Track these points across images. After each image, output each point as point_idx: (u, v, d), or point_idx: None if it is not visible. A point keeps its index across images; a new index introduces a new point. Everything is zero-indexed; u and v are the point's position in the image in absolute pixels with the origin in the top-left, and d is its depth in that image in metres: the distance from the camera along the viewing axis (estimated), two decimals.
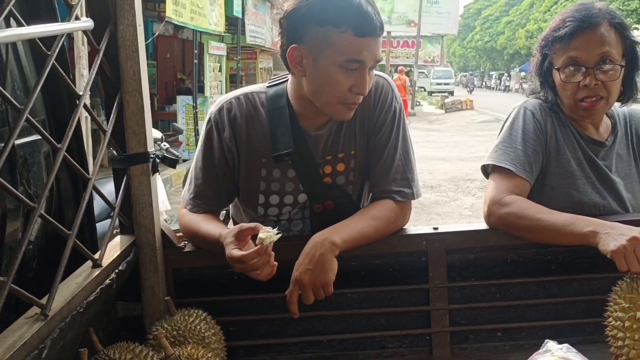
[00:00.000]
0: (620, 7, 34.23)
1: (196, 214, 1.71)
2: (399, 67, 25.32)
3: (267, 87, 1.76)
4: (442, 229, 1.72)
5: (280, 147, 1.66)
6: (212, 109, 1.74)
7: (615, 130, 1.86)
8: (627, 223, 1.55)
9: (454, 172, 10.71)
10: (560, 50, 1.74)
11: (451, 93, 39.74)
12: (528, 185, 1.74)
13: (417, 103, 28.57)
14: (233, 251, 1.42)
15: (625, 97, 1.83)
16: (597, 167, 1.80)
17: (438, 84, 41.58)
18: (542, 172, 1.78)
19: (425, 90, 42.16)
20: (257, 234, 1.43)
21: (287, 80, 1.74)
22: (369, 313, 1.71)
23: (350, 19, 1.50)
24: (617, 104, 1.86)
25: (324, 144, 1.71)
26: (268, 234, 1.42)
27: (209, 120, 1.72)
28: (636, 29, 36.33)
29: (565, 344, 1.34)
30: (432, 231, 1.70)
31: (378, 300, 1.70)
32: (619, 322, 1.42)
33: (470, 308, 1.72)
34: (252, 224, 1.47)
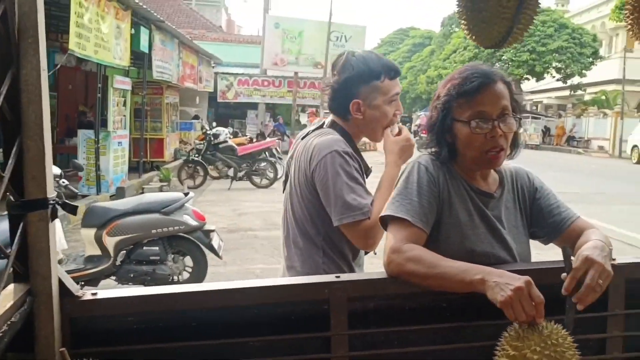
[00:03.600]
0: (512, 58, 36.51)
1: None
2: (310, 110, 25.67)
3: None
4: (344, 277, 1.76)
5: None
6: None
7: (503, 184, 1.98)
8: (513, 271, 1.63)
9: None
10: (466, 104, 1.83)
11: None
12: (424, 235, 1.81)
13: None
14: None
15: (513, 152, 1.95)
16: (486, 218, 1.90)
17: None
18: (437, 223, 1.86)
19: None
20: None
21: (331, 130, 2.35)
22: None
23: (384, 70, 2.29)
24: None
25: None
26: None
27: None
28: (527, 79, 38.77)
29: None
30: (334, 279, 1.74)
31: (279, 348, 1.71)
32: None
33: (370, 355, 1.75)
34: None
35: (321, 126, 2.41)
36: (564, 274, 1.63)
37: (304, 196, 2.27)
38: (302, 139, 2.41)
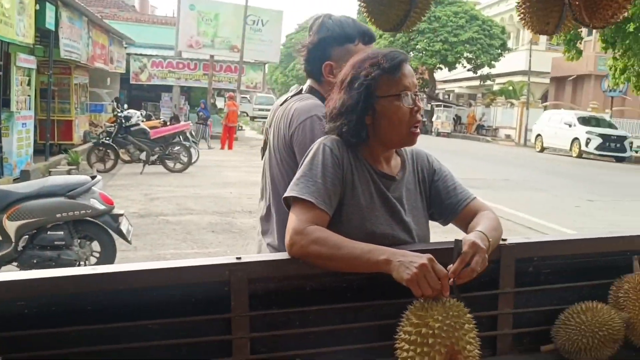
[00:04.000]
0: (426, 48, 37.36)
1: None
2: (229, 94, 25.35)
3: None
4: (245, 258, 1.75)
5: None
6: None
7: (405, 166, 2.02)
8: (415, 251, 1.68)
9: None
10: (393, 80, 1.86)
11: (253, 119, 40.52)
12: (327, 217, 1.83)
13: (240, 128, 28.76)
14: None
15: None
16: (387, 201, 1.94)
17: (260, 109, 42.22)
18: (339, 205, 1.88)
19: (247, 115, 42.63)
20: None
21: (310, 96, 2.34)
22: (170, 344, 1.68)
23: (358, 34, 2.29)
24: None
25: None
26: None
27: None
28: (440, 68, 39.77)
29: None
30: (235, 261, 1.73)
31: (179, 331, 1.69)
32: (407, 336, 1.56)
33: (271, 336, 1.76)
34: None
35: (300, 92, 2.41)
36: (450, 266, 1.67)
37: (283, 161, 2.26)
38: (281, 105, 2.40)
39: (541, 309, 1.98)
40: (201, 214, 9.41)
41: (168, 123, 18.30)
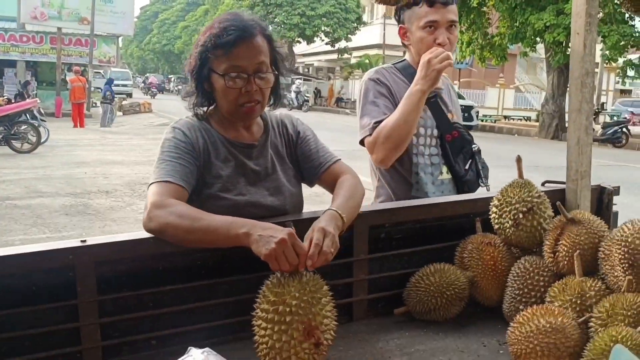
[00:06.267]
0: (284, 21, 37.44)
1: None
2: (74, 67, 23.94)
3: (394, 64, 2.62)
4: (90, 241, 1.65)
5: None
6: (370, 74, 2.52)
7: (267, 130, 2.02)
8: (280, 223, 1.65)
9: (130, 177, 10.51)
10: (223, 56, 1.81)
11: (129, 95, 39.03)
12: (186, 194, 1.77)
13: (94, 104, 27.40)
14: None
15: (275, 102, 2.00)
16: (248, 170, 1.93)
17: (116, 85, 40.41)
18: (200, 183, 1.84)
19: (101, 90, 40.70)
20: None
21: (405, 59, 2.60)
22: (10, 337, 1.56)
23: None
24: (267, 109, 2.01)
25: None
26: None
27: (370, 79, 2.48)
28: (299, 42, 40.05)
29: (207, 349, 1.40)
30: (79, 244, 1.62)
31: (20, 322, 1.57)
32: (264, 314, 1.54)
33: (123, 319, 1.69)
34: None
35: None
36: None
37: None
38: None
39: (394, 274, 2.05)
40: (53, 196, 8.87)
41: (13, 101, 17.04)
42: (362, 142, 2.45)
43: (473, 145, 2.58)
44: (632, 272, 1.61)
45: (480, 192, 2.50)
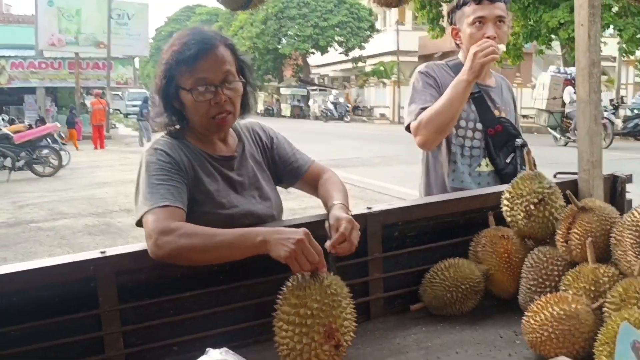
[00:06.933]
0: (298, 33, 37.62)
1: None
2: (95, 91, 24.30)
3: (446, 62, 2.72)
4: (110, 252, 1.70)
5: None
6: (420, 68, 2.68)
7: (242, 139, 2.03)
8: (287, 227, 1.70)
9: None
10: (187, 72, 1.81)
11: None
12: (184, 213, 1.76)
13: (113, 126, 27.76)
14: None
15: (244, 111, 1.98)
16: (233, 181, 1.94)
17: (134, 106, 40.79)
18: (191, 201, 1.83)
19: (120, 112, 41.21)
20: None
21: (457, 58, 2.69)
22: (35, 349, 1.61)
23: None
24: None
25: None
26: None
27: (420, 72, 2.64)
28: (313, 53, 40.15)
29: (224, 348, 1.43)
30: (100, 255, 1.67)
31: (45, 334, 1.61)
32: (285, 316, 1.56)
33: (144, 327, 1.73)
34: None
35: None
36: (327, 242, 1.71)
37: None
38: None
39: (409, 271, 2.07)
40: (76, 217, 9.01)
41: (34, 126, 17.32)
42: (407, 128, 2.59)
43: (517, 140, 2.63)
44: None
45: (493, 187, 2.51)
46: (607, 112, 16.72)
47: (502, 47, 2.40)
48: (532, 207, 1.92)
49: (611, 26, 19.46)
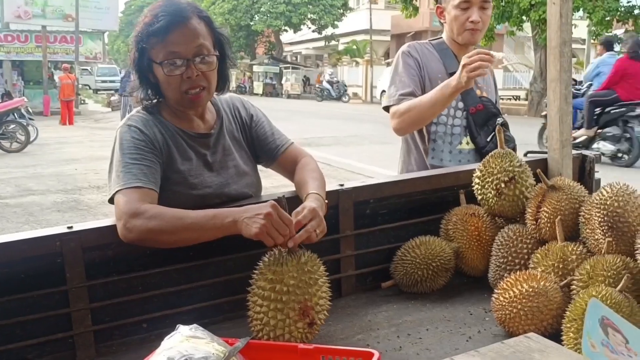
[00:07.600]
0: (270, 10, 37.29)
1: None
2: (63, 65, 23.76)
3: (430, 40, 2.79)
4: (77, 227, 1.67)
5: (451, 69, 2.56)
6: (403, 47, 2.70)
7: (220, 116, 1.98)
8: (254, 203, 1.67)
9: None
10: (158, 44, 1.76)
11: (116, 91, 38.89)
12: (156, 194, 1.74)
13: (82, 101, 27.28)
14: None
15: (221, 86, 1.93)
16: (208, 160, 1.91)
17: (103, 81, 40.25)
18: (164, 180, 1.80)
19: (90, 88, 40.53)
20: None
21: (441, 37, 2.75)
22: (6, 324, 1.58)
23: None
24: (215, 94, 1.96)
25: None
26: None
27: (402, 52, 2.67)
28: (285, 30, 39.78)
29: (195, 324, 1.41)
30: (66, 230, 1.64)
31: (11, 310, 1.58)
32: (260, 291, 1.56)
33: (113, 304, 1.71)
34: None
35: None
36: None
37: None
38: None
39: (380, 248, 2.08)
40: (44, 193, 8.86)
41: (0, 101, 16.95)
42: (386, 109, 2.64)
43: (498, 119, 2.66)
44: (611, 234, 1.64)
45: (465, 165, 2.52)
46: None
47: (499, 55, 2.41)
48: (502, 185, 1.94)
49: (581, 9, 19.58)
